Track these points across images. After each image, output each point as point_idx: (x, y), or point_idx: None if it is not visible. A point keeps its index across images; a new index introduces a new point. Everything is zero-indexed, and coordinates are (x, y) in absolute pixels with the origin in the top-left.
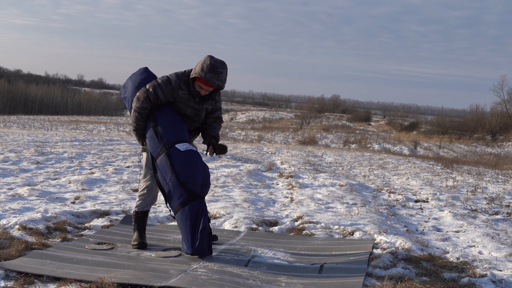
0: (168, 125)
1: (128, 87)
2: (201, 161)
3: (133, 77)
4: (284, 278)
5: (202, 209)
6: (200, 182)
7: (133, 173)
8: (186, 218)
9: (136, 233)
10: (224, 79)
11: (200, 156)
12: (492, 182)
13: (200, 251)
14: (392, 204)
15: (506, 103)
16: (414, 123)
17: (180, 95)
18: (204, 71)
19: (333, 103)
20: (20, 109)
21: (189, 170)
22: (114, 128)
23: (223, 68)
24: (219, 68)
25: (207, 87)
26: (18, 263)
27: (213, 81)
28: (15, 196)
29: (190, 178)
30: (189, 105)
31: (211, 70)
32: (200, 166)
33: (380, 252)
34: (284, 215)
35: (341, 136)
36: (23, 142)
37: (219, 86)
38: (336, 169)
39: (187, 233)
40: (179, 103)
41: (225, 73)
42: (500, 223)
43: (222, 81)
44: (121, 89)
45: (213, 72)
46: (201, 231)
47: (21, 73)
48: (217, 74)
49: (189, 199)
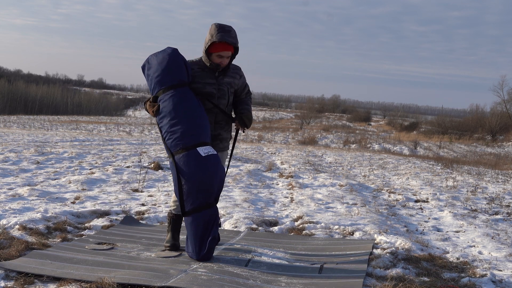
0: (193, 123)
1: (152, 63)
2: (220, 167)
3: (159, 55)
4: (284, 278)
5: (215, 217)
6: (216, 190)
7: (133, 173)
8: (198, 224)
9: (170, 234)
10: (236, 37)
11: (220, 160)
12: (492, 182)
13: (206, 259)
14: (392, 204)
15: (506, 103)
16: (414, 123)
17: (192, 75)
18: (214, 35)
19: (333, 103)
20: (20, 109)
21: (207, 179)
22: (114, 128)
23: (231, 27)
24: (227, 27)
25: (223, 49)
26: (18, 263)
27: (225, 38)
28: (15, 196)
29: (207, 186)
30: (207, 82)
31: (220, 30)
32: (218, 173)
33: (380, 252)
34: (284, 215)
35: (341, 136)
36: (23, 142)
37: (233, 43)
38: (336, 169)
39: (195, 239)
40: (195, 84)
41: (233, 32)
42: (500, 223)
43: (234, 38)
44: (144, 63)
45: (222, 31)
46: (210, 241)
47: (21, 73)
48: (227, 32)
49: (203, 206)
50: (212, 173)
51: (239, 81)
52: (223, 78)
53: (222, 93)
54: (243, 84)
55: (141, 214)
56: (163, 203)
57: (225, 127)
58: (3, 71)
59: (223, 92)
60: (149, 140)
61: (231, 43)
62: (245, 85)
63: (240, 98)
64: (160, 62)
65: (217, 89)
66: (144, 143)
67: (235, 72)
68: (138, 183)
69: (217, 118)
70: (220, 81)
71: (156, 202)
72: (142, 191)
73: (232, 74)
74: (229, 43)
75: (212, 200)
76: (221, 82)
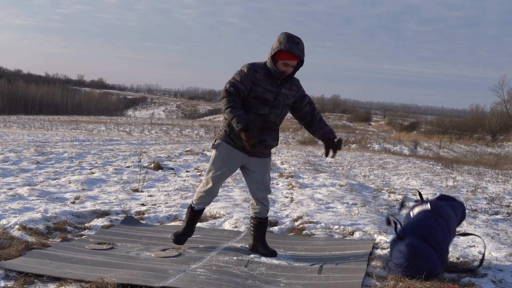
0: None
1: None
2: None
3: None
4: (284, 278)
5: None
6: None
7: (133, 173)
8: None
9: (183, 227)
10: (303, 50)
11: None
12: (492, 182)
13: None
14: (392, 204)
15: (506, 103)
16: (414, 123)
17: (257, 77)
18: (282, 43)
19: (333, 103)
20: (20, 109)
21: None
22: (114, 128)
23: (300, 40)
24: (296, 39)
25: (289, 58)
26: (18, 263)
27: (293, 50)
28: (15, 196)
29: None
30: (268, 88)
31: (289, 40)
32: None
33: (380, 252)
34: (284, 215)
35: (341, 136)
36: (23, 142)
37: (300, 56)
38: (336, 169)
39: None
40: (257, 87)
41: (302, 45)
42: (500, 223)
43: (301, 51)
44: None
45: (292, 42)
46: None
47: (21, 73)
48: (296, 44)
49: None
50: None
51: (297, 92)
52: (282, 88)
53: (277, 103)
54: (302, 95)
55: (141, 214)
56: (163, 203)
57: (271, 134)
58: (3, 71)
59: (278, 102)
60: (149, 140)
61: (297, 55)
62: (303, 95)
63: (305, 113)
64: None
65: (274, 98)
66: (144, 143)
67: (295, 84)
68: (138, 183)
69: (265, 124)
70: (279, 91)
71: (156, 202)
72: (142, 191)
73: (292, 87)
74: (295, 55)
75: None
76: (279, 92)
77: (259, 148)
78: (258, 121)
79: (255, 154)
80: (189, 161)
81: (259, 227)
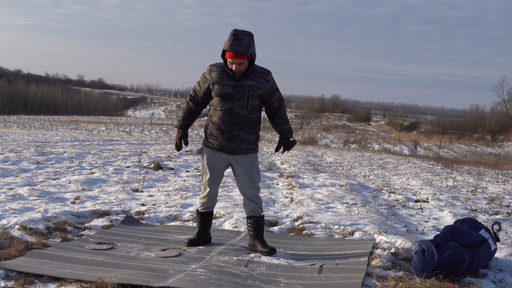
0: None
1: None
2: None
3: None
4: (284, 278)
5: None
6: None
7: (133, 173)
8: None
9: (196, 230)
10: (247, 45)
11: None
12: (492, 182)
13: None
14: (392, 204)
15: (506, 103)
16: (414, 123)
17: (213, 76)
18: (225, 42)
19: (333, 103)
20: (20, 109)
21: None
22: (114, 128)
23: (245, 35)
24: (240, 35)
25: (232, 57)
26: (18, 263)
27: (232, 47)
28: (15, 196)
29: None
30: (225, 83)
31: (231, 38)
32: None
33: (380, 252)
34: (284, 215)
35: (341, 136)
36: (23, 142)
37: (241, 52)
38: (336, 169)
39: None
40: (215, 85)
41: (247, 39)
42: (500, 223)
43: (243, 47)
44: None
45: (234, 39)
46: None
47: (21, 73)
48: (237, 41)
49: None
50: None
51: (265, 85)
52: (244, 80)
53: (241, 95)
54: (271, 89)
55: (141, 214)
56: (163, 203)
57: (244, 129)
58: (3, 71)
59: (243, 94)
60: (149, 140)
61: (238, 52)
62: (273, 90)
63: (272, 108)
64: None
65: (235, 91)
66: (144, 143)
67: (260, 76)
68: (138, 183)
69: (235, 119)
70: (240, 83)
71: (156, 202)
72: (142, 191)
73: (256, 78)
74: (236, 52)
75: None
76: (241, 84)
77: (235, 143)
78: (229, 118)
79: (233, 152)
80: (189, 161)
81: (255, 225)
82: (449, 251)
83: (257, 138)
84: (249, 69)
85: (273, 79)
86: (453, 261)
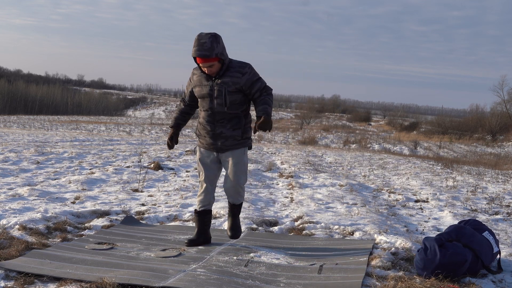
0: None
1: None
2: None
3: None
4: (283, 278)
5: None
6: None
7: (133, 173)
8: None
9: (195, 231)
10: (210, 48)
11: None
12: (492, 182)
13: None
14: (392, 204)
15: (506, 103)
16: (414, 123)
17: (194, 79)
18: (192, 49)
19: (333, 103)
20: (20, 109)
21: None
22: (114, 128)
23: (206, 38)
24: (201, 39)
25: (201, 62)
26: (18, 263)
27: (196, 52)
28: (15, 196)
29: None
30: (203, 84)
31: (195, 43)
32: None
33: (380, 252)
34: (284, 215)
35: (341, 136)
36: (23, 142)
37: (205, 55)
38: (336, 169)
39: None
40: (195, 87)
41: (209, 42)
42: (500, 223)
43: (207, 50)
44: None
45: (197, 45)
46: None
47: (21, 73)
48: (200, 45)
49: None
50: None
51: (241, 79)
52: (219, 79)
53: (218, 94)
54: (250, 81)
55: (141, 214)
56: (163, 203)
57: (227, 125)
58: (3, 71)
59: (219, 93)
60: (149, 140)
61: (202, 56)
62: (252, 81)
63: (254, 98)
64: None
65: (211, 89)
66: (144, 143)
67: (235, 71)
68: (138, 183)
69: (216, 117)
70: (216, 82)
71: (156, 202)
72: (142, 191)
73: (231, 74)
74: (200, 57)
75: None
76: (217, 83)
77: (220, 141)
78: (211, 117)
79: (220, 149)
80: (189, 161)
81: (230, 209)
82: (452, 251)
83: (244, 132)
84: (222, 69)
85: (251, 71)
86: (455, 261)
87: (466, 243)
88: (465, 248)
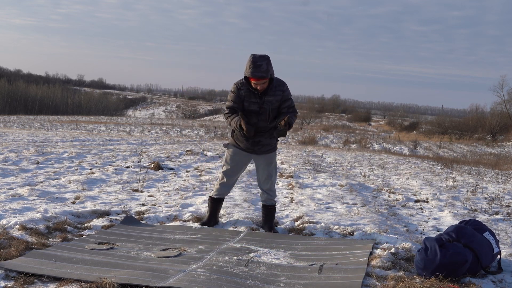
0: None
1: None
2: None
3: None
4: (284, 278)
5: None
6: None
7: (133, 173)
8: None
9: (207, 215)
10: (266, 70)
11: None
12: (492, 182)
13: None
14: (392, 204)
15: (506, 103)
16: (414, 123)
17: (242, 95)
18: (247, 69)
19: (333, 103)
20: (20, 109)
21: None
22: (114, 128)
23: (262, 61)
24: (258, 61)
25: (256, 80)
26: (18, 263)
27: (254, 74)
28: (15, 196)
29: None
30: (252, 101)
31: (250, 66)
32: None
33: (380, 252)
34: (284, 215)
35: (341, 136)
36: (23, 142)
37: (262, 77)
38: (336, 169)
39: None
40: (245, 102)
41: (265, 64)
42: (500, 223)
43: (263, 72)
44: None
45: (253, 67)
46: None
47: (21, 73)
48: (257, 67)
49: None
50: None
51: (281, 96)
52: (265, 97)
53: (263, 111)
54: (285, 97)
55: (141, 214)
56: (163, 203)
57: (265, 135)
58: (3, 71)
59: (264, 110)
60: (149, 140)
61: (259, 77)
62: (286, 99)
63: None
64: None
65: (259, 107)
66: (144, 143)
67: (277, 89)
68: (138, 183)
69: (257, 129)
70: (263, 100)
71: (156, 202)
72: (142, 191)
73: (274, 92)
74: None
75: None
76: (264, 101)
77: (257, 147)
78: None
79: (255, 152)
80: (189, 161)
81: (265, 212)
82: (452, 251)
83: (277, 140)
84: (270, 86)
85: (287, 90)
86: (456, 261)
87: (466, 243)
88: (465, 248)
